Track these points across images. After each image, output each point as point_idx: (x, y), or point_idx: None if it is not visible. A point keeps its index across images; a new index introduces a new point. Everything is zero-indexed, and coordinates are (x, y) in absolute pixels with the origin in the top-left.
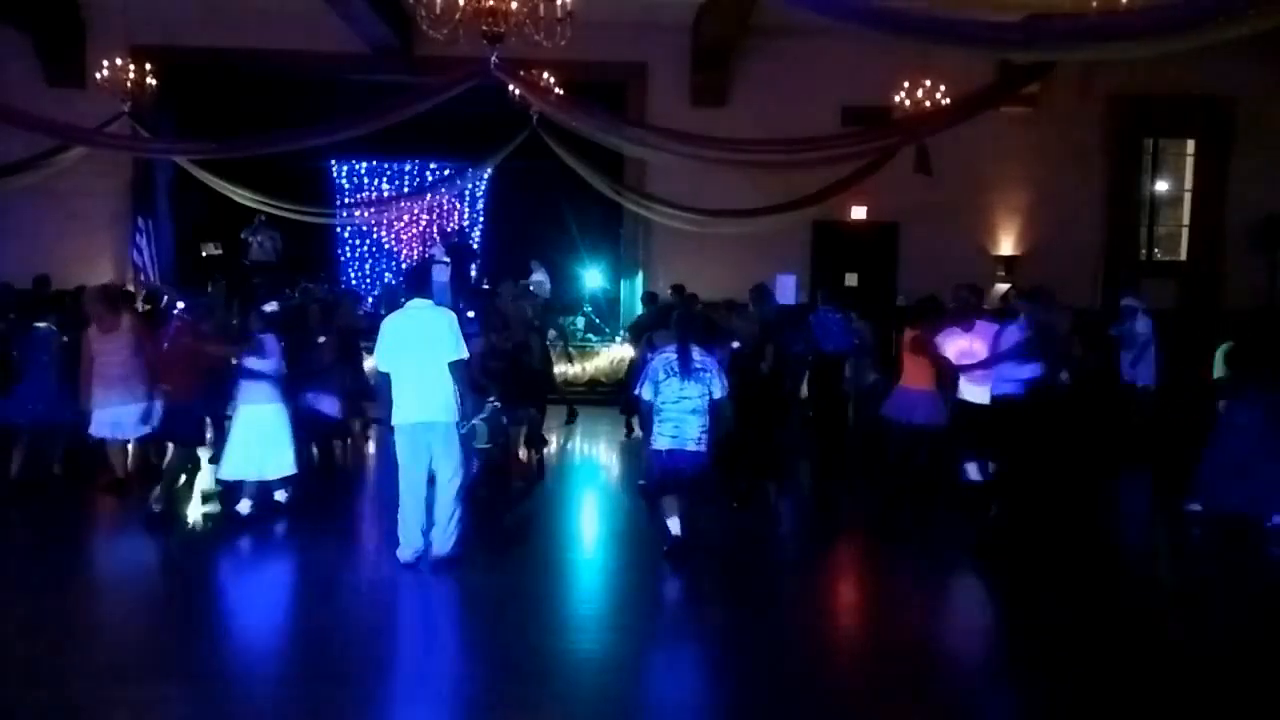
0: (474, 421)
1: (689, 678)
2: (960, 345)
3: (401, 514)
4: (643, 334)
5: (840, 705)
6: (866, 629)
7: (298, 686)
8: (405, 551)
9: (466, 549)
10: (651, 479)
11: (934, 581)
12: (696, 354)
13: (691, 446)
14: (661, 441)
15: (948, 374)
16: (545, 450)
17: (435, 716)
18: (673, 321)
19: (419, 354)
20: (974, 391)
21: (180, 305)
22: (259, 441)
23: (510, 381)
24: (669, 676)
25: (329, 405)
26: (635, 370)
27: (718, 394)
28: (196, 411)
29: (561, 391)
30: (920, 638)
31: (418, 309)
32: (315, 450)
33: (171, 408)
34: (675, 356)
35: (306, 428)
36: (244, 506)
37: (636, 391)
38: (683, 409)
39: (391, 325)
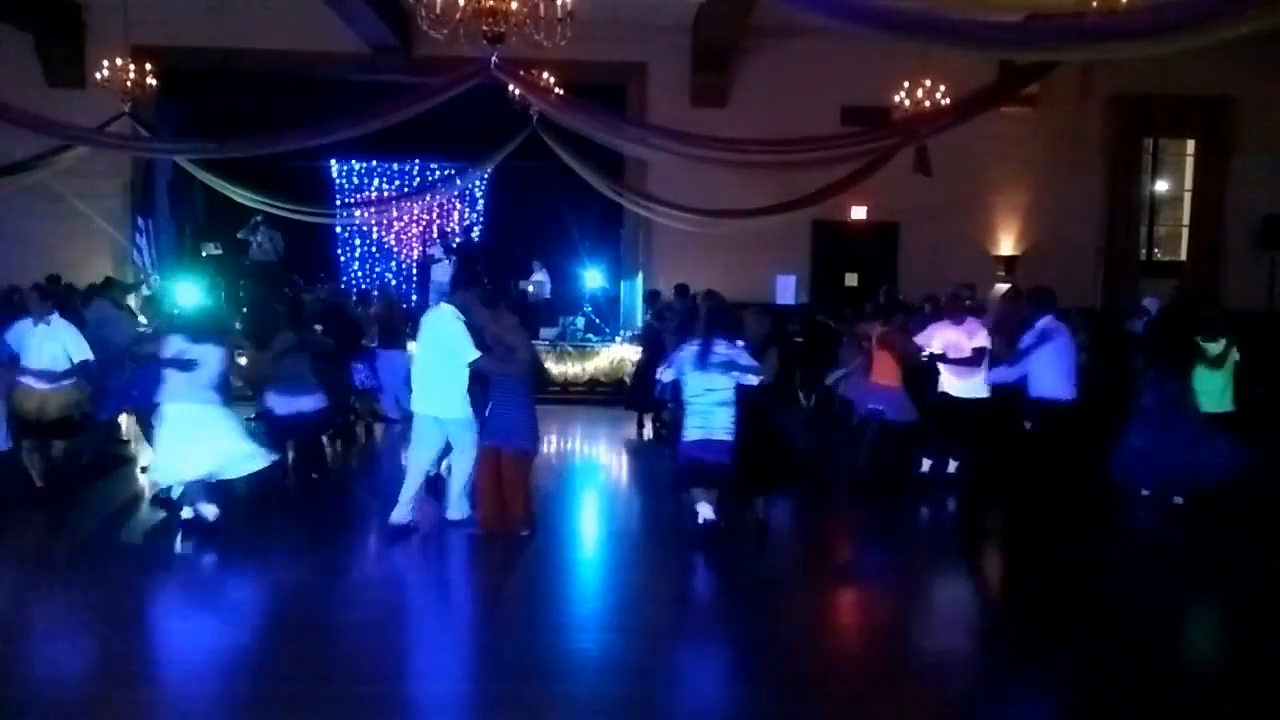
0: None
1: (690, 678)
2: (948, 338)
3: (405, 485)
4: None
5: (842, 704)
6: (869, 628)
7: (295, 685)
8: (397, 514)
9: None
10: (680, 470)
11: (938, 581)
12: (723, 347)
13: (719, 436)
14: (692, 433)
15: (919, 368)
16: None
17: (435, 716)
18: (701, 315)
19: (433, 352)
20: (956, 385)
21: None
22: (194, 441)
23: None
24: (670, 677)
25: (306, 403)
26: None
27: (752, 381)
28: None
29: None
30: (923, 637)
31: (439, 310)
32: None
33: None
34: (697, 349)
35: (281, 428)
36: (187, 513)
37: (658, 375)
38: (710, 401)
39: (422, 321)
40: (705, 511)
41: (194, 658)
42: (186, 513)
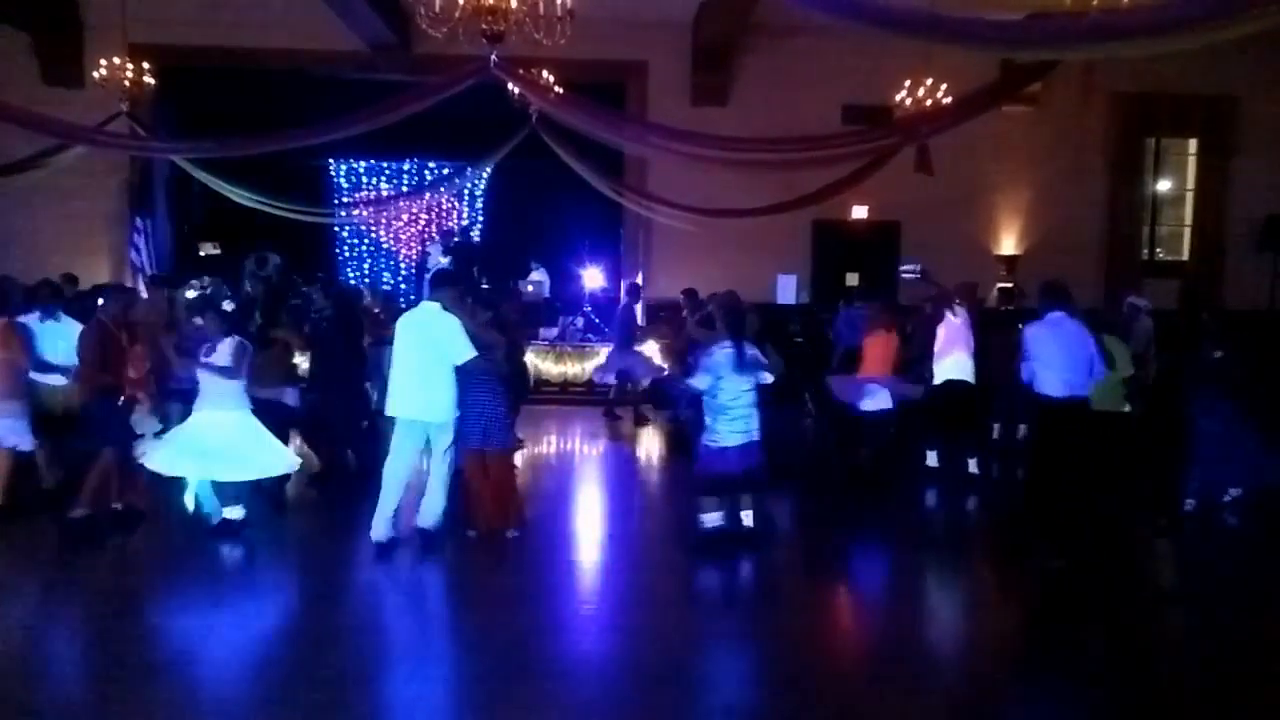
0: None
1: (690, 679)
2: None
3: (383, 498)
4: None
5: (843, 705)
6: (870, 629)
7: (294, 687)
8: (376, 530)
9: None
10: (719, 476)
11: (941, 581)
12: (749, 349)
13: (757, 438)
14: (732, 438)
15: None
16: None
17: (434, 717)
18: (722, 319)
19: (418, 353)
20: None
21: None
22: (220, 445)
23: None
24: (669, 677)
25: (289, 397)
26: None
27: (768, 379)
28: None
29: None
30: (926, 638)
31: (424, 310)
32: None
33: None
34: (732, 352)
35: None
36: (232, 513)
37: (690, 382)
38: (745, 403)
39: (400, 322)
40: (714, 519)
41: (191, 660)
42: (231, 512)
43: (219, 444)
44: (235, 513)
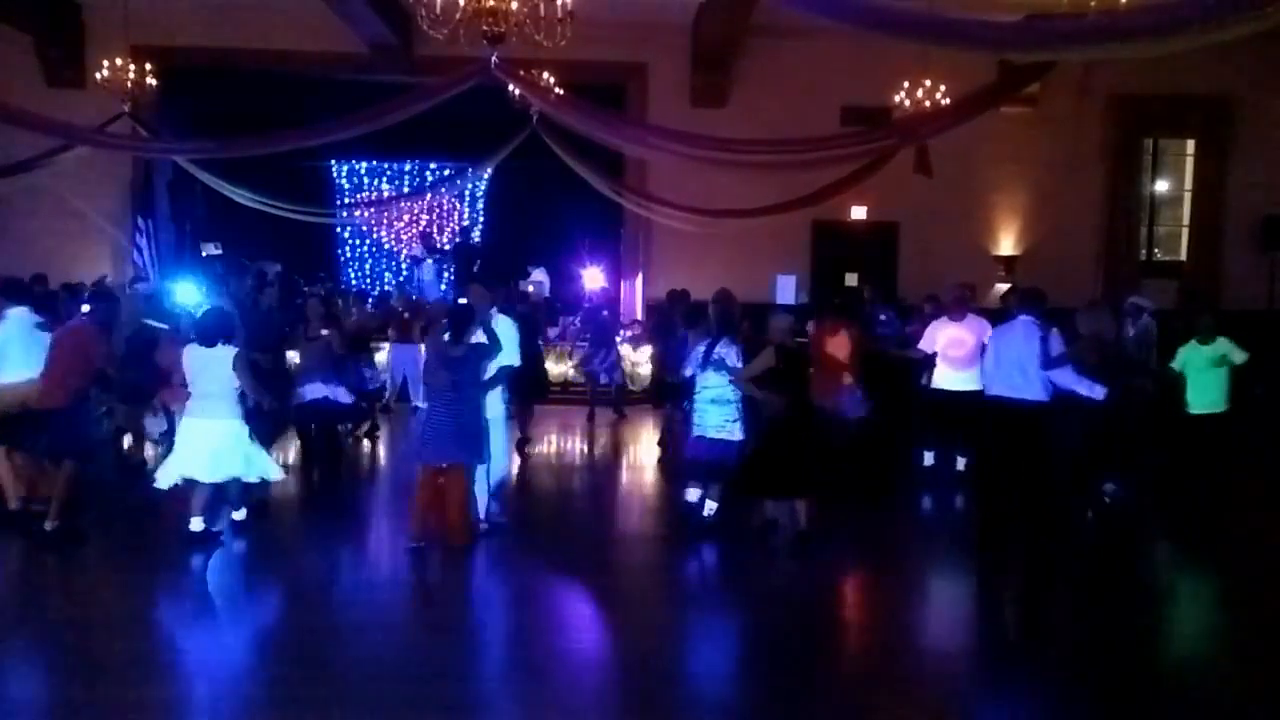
0: None
1: (690, 677)
2: (950, 334)
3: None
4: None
5: (842, 704)
6: (869, 627)
7: (298, 686)
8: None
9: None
10: (682, 463)
11: (938, 580)
12: (720, 347)
13: (711, 434)
14: (692, 430)
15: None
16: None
17: (434, 716)
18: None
19: None
20: (951, 379)
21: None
22: (210, 451)
23: None
24: (670, 676)
25: (342, 394)
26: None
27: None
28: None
29: None
30: (925, 637)
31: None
32: (314, 441)
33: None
34: (703, 349)
35: (315, 417)
36: (196, 524)
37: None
38: (703, 399)
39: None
40: (691, 495)
41: (188, 660)
42: (196, 524)
43: (207, 448)
44: (197, 522)
